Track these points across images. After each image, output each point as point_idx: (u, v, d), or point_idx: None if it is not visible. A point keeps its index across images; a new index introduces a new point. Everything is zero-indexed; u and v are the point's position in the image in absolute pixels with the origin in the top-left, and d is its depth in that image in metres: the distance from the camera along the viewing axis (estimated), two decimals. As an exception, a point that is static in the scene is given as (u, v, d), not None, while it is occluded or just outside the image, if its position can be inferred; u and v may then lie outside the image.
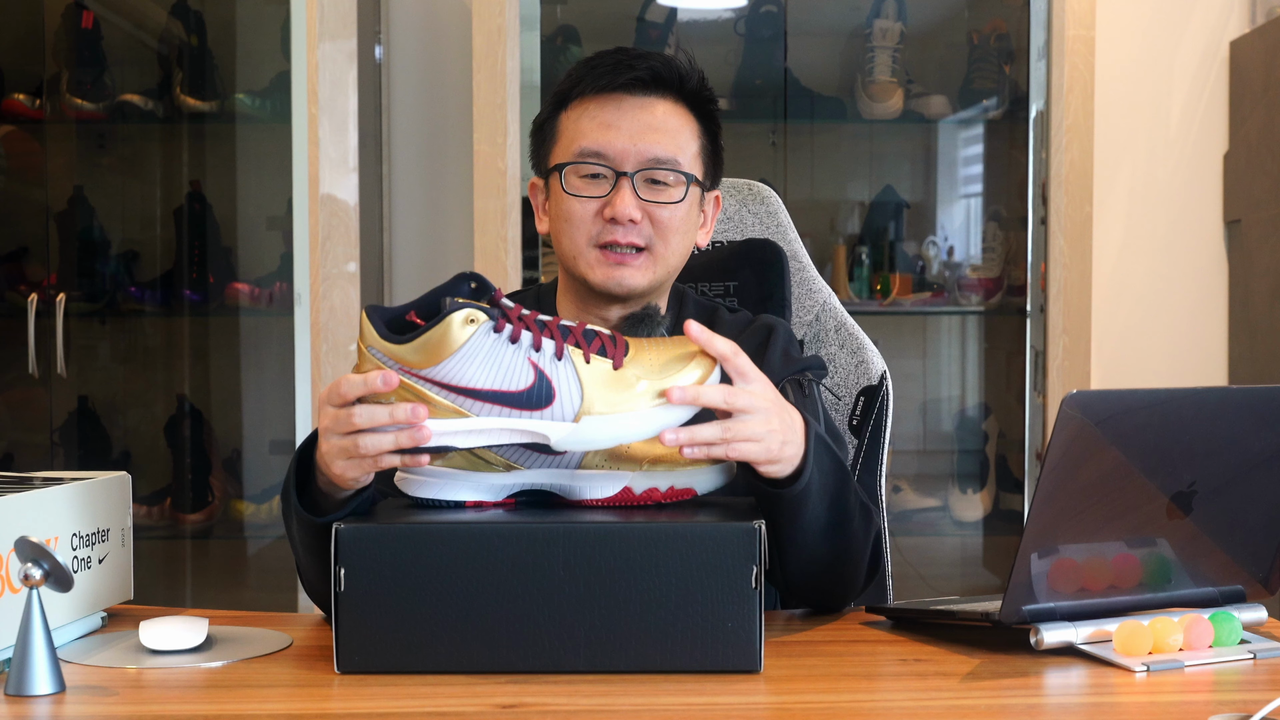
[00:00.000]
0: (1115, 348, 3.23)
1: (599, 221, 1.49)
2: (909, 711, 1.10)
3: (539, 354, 1.19)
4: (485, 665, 1.16)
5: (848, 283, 3.16)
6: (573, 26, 3.14)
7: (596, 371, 1.20)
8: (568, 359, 1.20)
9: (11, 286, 3.09)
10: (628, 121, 1.50)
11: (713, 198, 1.60)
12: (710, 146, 1.56)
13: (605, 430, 1.20)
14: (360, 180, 2.76)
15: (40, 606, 1.13)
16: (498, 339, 1.19)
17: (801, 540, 1.33)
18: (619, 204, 1.47)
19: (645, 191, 1.49)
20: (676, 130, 1.52)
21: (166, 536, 3.12)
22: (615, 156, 1.49)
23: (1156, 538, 1.24)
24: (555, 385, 1.19)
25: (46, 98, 3.10)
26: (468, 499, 1.27)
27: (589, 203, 1.50)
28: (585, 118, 1.51)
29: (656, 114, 1.51)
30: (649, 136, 1.49)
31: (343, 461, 1.21)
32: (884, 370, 1.75)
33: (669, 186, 1.50)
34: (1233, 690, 1.14)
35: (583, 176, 1.50)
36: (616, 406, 1.20)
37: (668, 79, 1.52)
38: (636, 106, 1.51)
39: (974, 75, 3.14)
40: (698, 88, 1.54)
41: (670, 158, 1.50)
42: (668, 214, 1.49)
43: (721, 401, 1.22)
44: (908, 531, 3.16)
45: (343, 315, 2.73)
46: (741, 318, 1.61)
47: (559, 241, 1.53)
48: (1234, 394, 1.30)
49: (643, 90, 1.51)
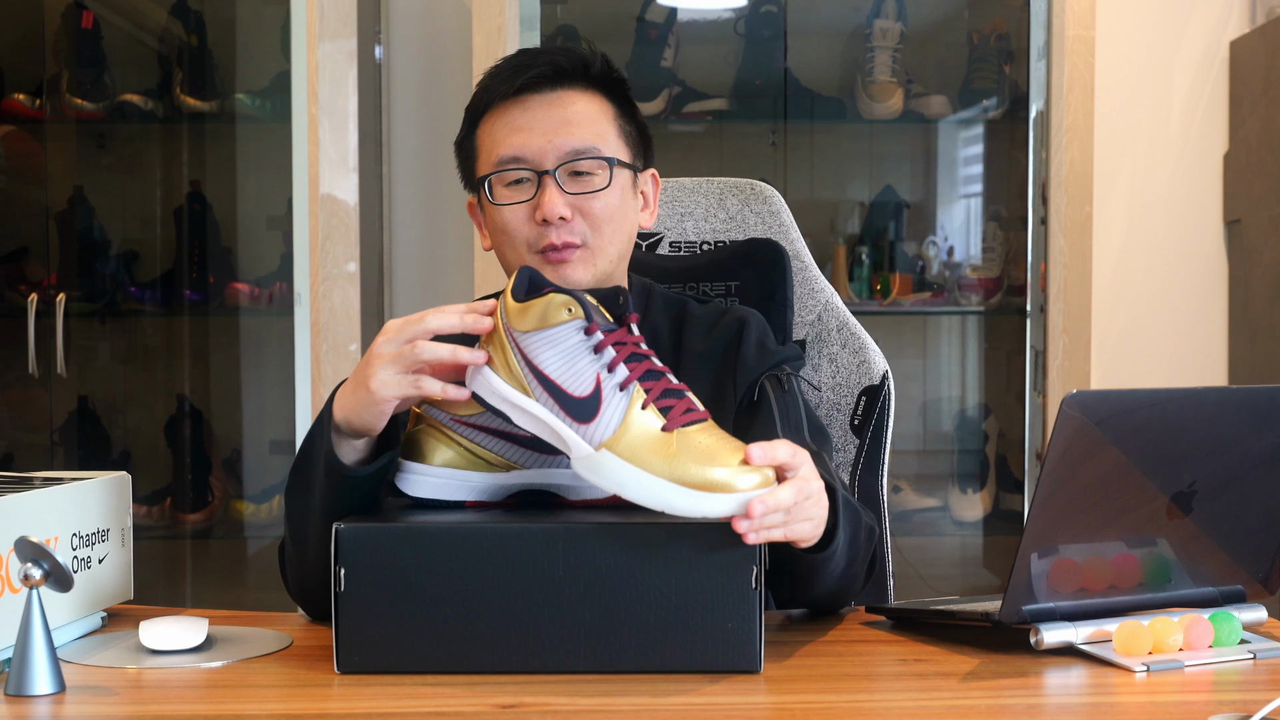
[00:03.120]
0: (1115, 348, 3.23)
1: (533, 226, 1.47)
2: (909, 711, 1.10)
3: (608, 374, 1.19)
4: (485, 665, 1.16)
5: (848, 283, 3.16)
6: (573, 26, 3.14)
7: (644, 419, 1.18)
8: (629, 393, 1.19)
9: (11, 286, 3.09)
10: (539, 120, 1.49)
11: (649, 176, 1.58)
12: (630, 127, 1.55)
13: (614, 473, 1.16)
14: (360, 180, 2.76)
15: (40, 606, 1.13)
16: (583, 340, 1.20)
17: (818, 585, 1.33)
18: (546, 204, 1.46)
19: (572, 185, 1.48)
20: (591, 118, 1.50)
21: (166, 536, 3.12)
22: (534, 157, 1.48)
23: (1156, 538, 1.24)
24: (603, 407, 1.18)
25: (46, 98, 3.10)
26: (468, 499, 1.27)
27: (519, 209, 1.48)
28: (499, 125, 1.50)
29: (568, 107, 1.50)
30: (563, 130, 1.48)
31: (388, 373, 1.22)
32: (886, 370, 1.75)
33: (594, 175, 1.49)
34: (1233, 690, 1.14)
35: (508, 185, 1.49)
36: (637, 459, 1.16)
37: (571, 69, 1.50)
38: (546, 103, 1.49)
39: (974, 75, 3.13)
40: (603, 72, 1.53)
41: (588, 146, 1.48)
42: (599, 204, 1.48)
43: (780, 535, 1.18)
44: (908, 531, 3.16)
45: (343, 315, 2.73)
46: (712, 309, 1.59)
47: (501, 254, 1.52)
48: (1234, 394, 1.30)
49: (549, 86, 1.50)
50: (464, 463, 1.27)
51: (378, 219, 3.10)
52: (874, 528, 1.42)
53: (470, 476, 1.27)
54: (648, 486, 1.15)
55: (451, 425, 1.27)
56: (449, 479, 1.27)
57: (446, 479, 1.27)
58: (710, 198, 1.84)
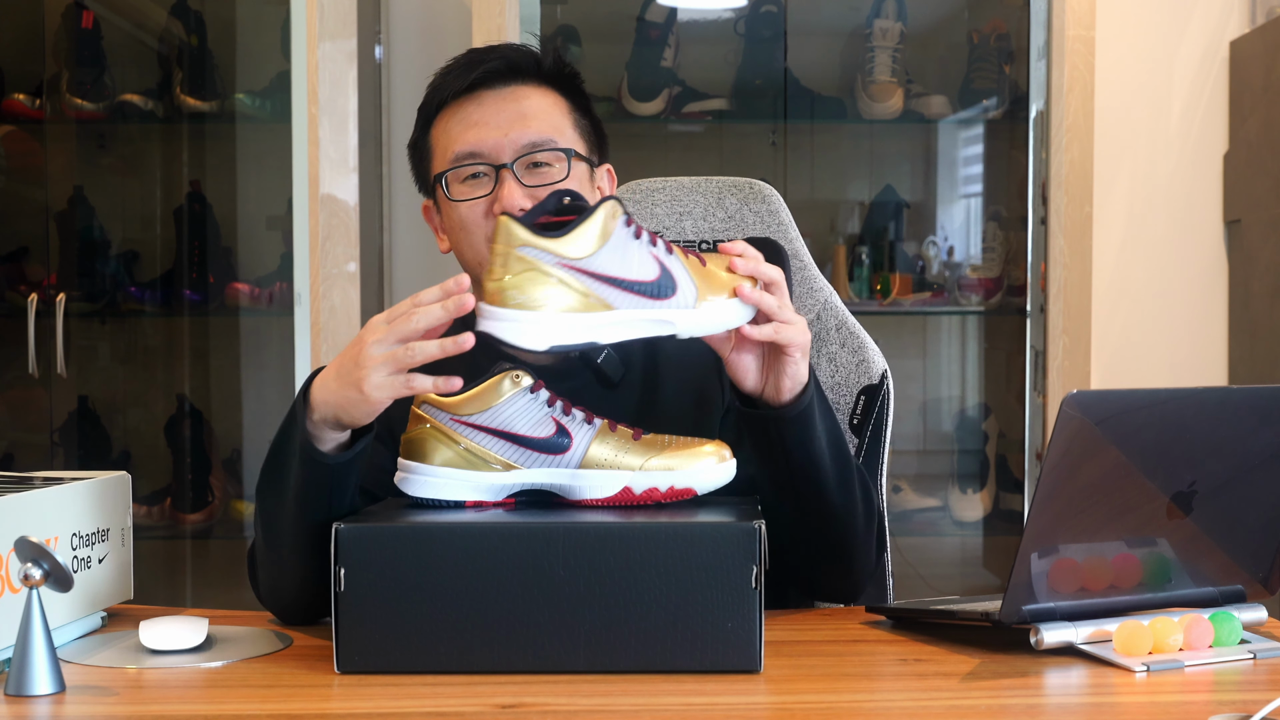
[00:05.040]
0: (1115, 348, 3.23)
1: (492, 221, 1.45)
2: (909, 711, 1.10)
3: (655, 248, 1.24)
4: (485, 665, 1.16)
5: (848, 283, 3.16)
6: (572, 26, 3.14)
7: (692, 265, 1.26)
8: (675, 254, 1.25)
9: (11, 286, 3.09)
10: (495, 115, 1.48)
11: (604, 171, 1.58)
12: (585, 121, 1.54)
13: (721, 314, 1.26)
14: (360, 180, 2.76)
15: (40, 606, 1.13)
16: (628, 232, 1.23)
17: (815, 476, 1.34)
18: (505, 197, 1.45)
19: (529, 178, 1.47)
20: (546, 111, 1.50)
21: (166, 536, 3.12)
22: (490, 152, 1.47)
23: (1156, 538, 1.24)
24: (675, 277, 1.24)
25: (46, 98, 3.10)
26: (468, 499, 1.27)
27: (477, 204, 1.47)
28: (454, 122, 1.50)
29: (522, 101, 1.49)
30: (519, 124, 1.48)
31: (381, 375, 1.21)
32: (885, 369, 1.75)
33: (552, 167, 1.48)
34: (1233, 690, 1.14)
35: (464, 180, 1.48)
36: (718, 293, 1.26)
37: (523, 64, 1.50)
38: (500, 98, 1.49)
39: (974, 75, 3.13)
40: (555, 66, 1.53)
41: (545, 139, 1.48)
42: None
43: (778, 307, 1.29)
44: (908, 531, 3.16)
45: (343, 315, 2.73)
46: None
47: (460, 253, 1.51)
48: (1234, 394, 1.30)
49: (502, 81, 1.50)
50: (464, 463, 1.27)
51: (378, 219, 3.10)
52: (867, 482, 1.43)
53: (470, 476, 1.27)
54: (736, 309, 1.27)
55: (451, 425, 1.27)
56: (449, 479, 1.27)
57: (446, 479, 1.27)
58: (709, 197, 1.84)
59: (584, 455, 1.27)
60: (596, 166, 1.56)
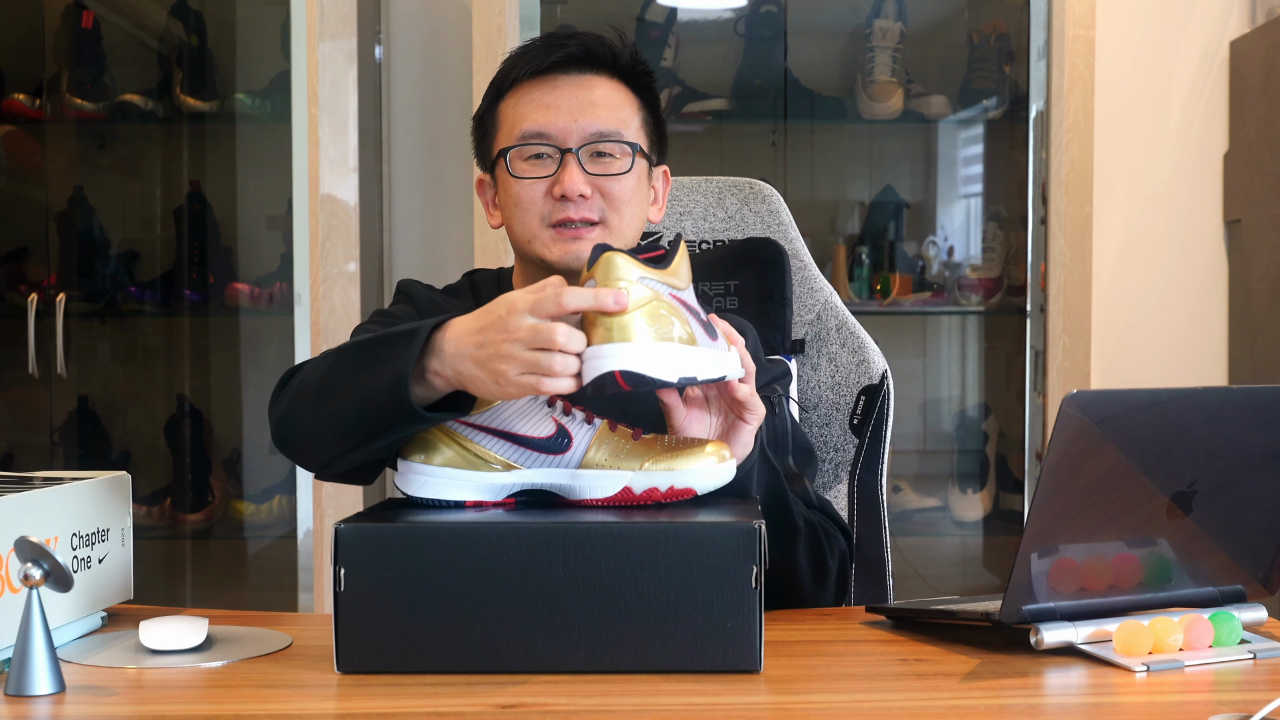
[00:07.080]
0: (1115, 348, 3.23)
1: (549, 201, 1.49)
2: (909, 711, 1.10)
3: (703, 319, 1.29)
4: (485, 665, 1.16)
5: (848, 283, 3.16)
6: (573, 26, 3.13)
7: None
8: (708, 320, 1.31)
9: (11, 286, 3.09)
10: (566, 99, 1.50)
11: (660, 173, 1.60)
12: (652, 120, 1.56)
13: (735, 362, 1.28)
14: (360, 180, 2.76)
15: (40, 606, 1.13)
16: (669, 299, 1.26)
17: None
18: (567, 180, 1.47)
19: (592, 166, 1.49)
20: (616, 104, 1.52)
21: (166, 536, 3.12)
22: (558, 135, 1.49)
23: (1156, 538, 1.24)
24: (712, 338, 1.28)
25: (46, 98, 3.10)
26: (468, 499, 1.27)
27: (537, 184, 1.49)
28: (524, 101, 1.51)
29: (594, 90, 1.51)
30: (589, 112, 1.50)
31: (517, 373, 1.17)
32: (885, 369, 1.76)
33: (615, 159, 1.50)
34: (1233, 690, 1.14)
35: (527, 159, 1.50)
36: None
37: (600, 55, 1.52)
38: (573, 84, 1.51)
39: (974, 75, 3.14)
40: (632, 62, 1.54)
41: (612, 130, 1.50)
42: (618, 187, 1.50)
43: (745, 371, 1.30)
44: (908, 531, 3.16)
45: (343, 315, 2.73)
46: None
47: (512, 228, 1.53)
48: (1234, 394, 1.30)
49: (578, 68, 1.52)
50: (464, 462, 1.27)
51: (378, 219, 3.10)
52: (833, 532, 1.44)
53: (470, 476, 1.27)
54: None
55: (452, 425, 1.27)
56: (449, 479, 1.27)
57: (446, 479, 1.27)
58: (709, 197, 1.84)
59: (584, 455, 1.27)
60: (655, 165, 1.58)
